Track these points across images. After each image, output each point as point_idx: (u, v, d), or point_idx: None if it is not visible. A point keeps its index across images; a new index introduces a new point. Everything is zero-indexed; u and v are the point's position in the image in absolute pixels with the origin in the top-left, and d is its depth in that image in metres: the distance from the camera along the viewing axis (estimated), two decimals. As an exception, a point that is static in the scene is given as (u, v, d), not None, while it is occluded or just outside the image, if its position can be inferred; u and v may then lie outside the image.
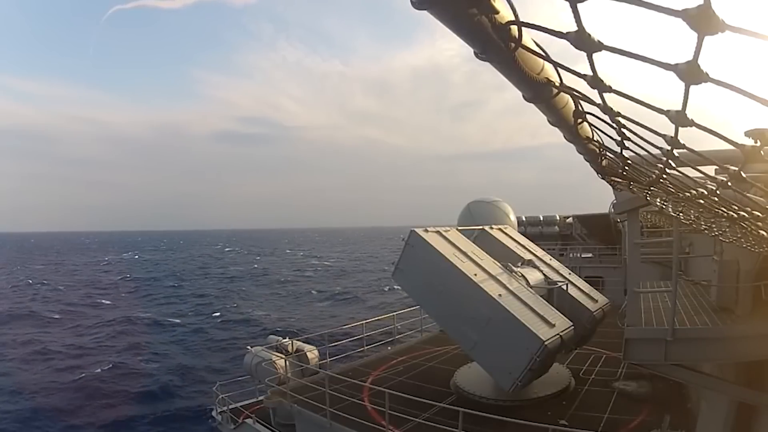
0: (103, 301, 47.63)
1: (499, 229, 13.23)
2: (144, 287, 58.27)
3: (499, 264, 10.64)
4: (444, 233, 10.82)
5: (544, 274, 11.54)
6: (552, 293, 10.82)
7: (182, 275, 71.77)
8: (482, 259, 10.51)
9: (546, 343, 8.55)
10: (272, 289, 56.82)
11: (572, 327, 9.64)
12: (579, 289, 11.48)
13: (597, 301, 11.38)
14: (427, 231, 10.61)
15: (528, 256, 12.13)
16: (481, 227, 12.96)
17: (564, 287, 10.93)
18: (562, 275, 11.92)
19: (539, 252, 12.98)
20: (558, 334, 9.05)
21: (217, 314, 40.72)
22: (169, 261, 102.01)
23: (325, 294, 52.18)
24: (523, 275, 10.71)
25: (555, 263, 12.78)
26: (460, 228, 12.07)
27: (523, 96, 1.62)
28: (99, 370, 25.17)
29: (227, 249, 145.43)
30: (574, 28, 0.88)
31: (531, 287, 10.38)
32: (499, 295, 9.34)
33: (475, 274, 9.72)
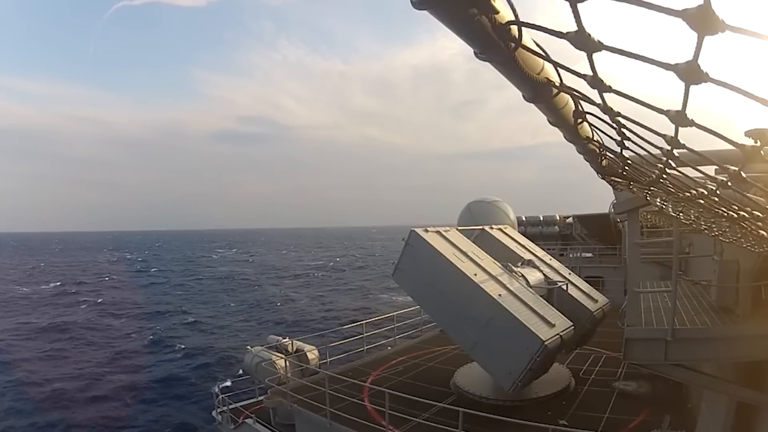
0: (102, 300, 47.66)
1: (499, 229, 13.23)
2: (143, 287, 58.29)
3: (499, 264, 10.64)
4: (444, 233, 10.81)
5: (544, 274, 11.54)
6: (552, 293, 10.81)
7: (182, 275, 71.86)
8: (482, 259, 10.51)
9: (546, 343, 8.55)
10: (272, 288, 56.79)
11: (572, 327, 9.64)
12: (579, 289, 11.48)
13: (597, 301, 11.38)
14: (427, 231, 10.60)
15: (528, 256, 12.13)
16: (481, 227, 12.96)
17: (564, 287, 10.92)
18: (562, 275, 11.91)
19: (539, 252, 12.98)
20: (558, 334, 9.05)
21: (217, 314, 40.73)
22: (169, 261, 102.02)
23: (323, 293, 52.21)
24: (523, 275, 10.71)
25: (555, 263, 12.77)
26: (460, 228, 12.06)
27: (524, 96, 1.61)
28: (98, 369, 25.20)
29: (227, 249, 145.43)
30: (574, 28, 0.88)
31: (531, 287, 10.38)
32: (499, 295, 9.33)
33: (475, 274, 9.72)
